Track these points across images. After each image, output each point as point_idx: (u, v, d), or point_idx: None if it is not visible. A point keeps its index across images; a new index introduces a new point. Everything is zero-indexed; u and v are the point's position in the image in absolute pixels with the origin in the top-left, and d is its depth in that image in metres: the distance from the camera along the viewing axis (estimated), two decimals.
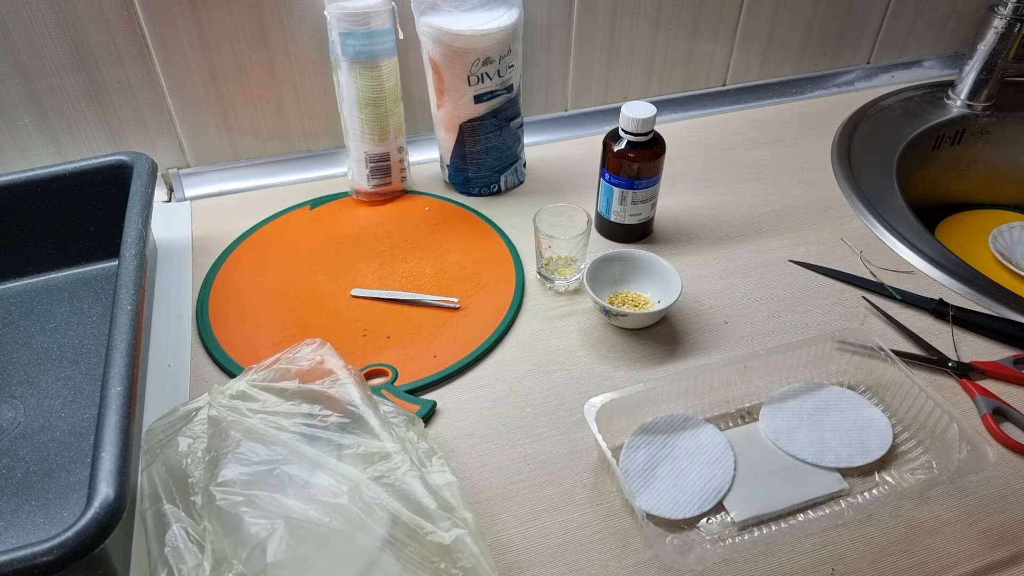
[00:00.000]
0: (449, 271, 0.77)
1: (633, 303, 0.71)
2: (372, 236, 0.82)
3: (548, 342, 0.69)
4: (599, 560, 0.52)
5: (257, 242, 0.81)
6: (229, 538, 0.45)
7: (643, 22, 0.96)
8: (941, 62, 1.14)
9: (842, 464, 0.57)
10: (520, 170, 0.90)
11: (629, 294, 0.72)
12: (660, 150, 0.75)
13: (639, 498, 0.55)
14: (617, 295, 0.72)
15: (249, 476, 0.47)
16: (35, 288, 0.76)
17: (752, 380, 0.62)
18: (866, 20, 1.07)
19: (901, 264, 0.77)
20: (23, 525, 0.55)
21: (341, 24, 0.74)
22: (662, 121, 0.82)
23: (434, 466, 0.50)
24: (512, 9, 0.78)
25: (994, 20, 0.95)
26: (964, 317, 0.69)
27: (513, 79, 0.82)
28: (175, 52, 0.81)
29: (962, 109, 1.02)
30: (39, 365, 0.68)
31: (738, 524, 0.54)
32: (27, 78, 0.78)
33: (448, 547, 0.44)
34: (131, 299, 0.59)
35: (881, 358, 0.62)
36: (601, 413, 0.56)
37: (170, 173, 0.89)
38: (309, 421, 0.51)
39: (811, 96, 1.08)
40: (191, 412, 0.54)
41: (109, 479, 0.45)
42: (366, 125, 0.81)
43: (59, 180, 0.73)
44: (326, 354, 0.56)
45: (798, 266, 0.77)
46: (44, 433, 0.62)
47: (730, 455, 0.58)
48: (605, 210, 0.79)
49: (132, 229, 0.65)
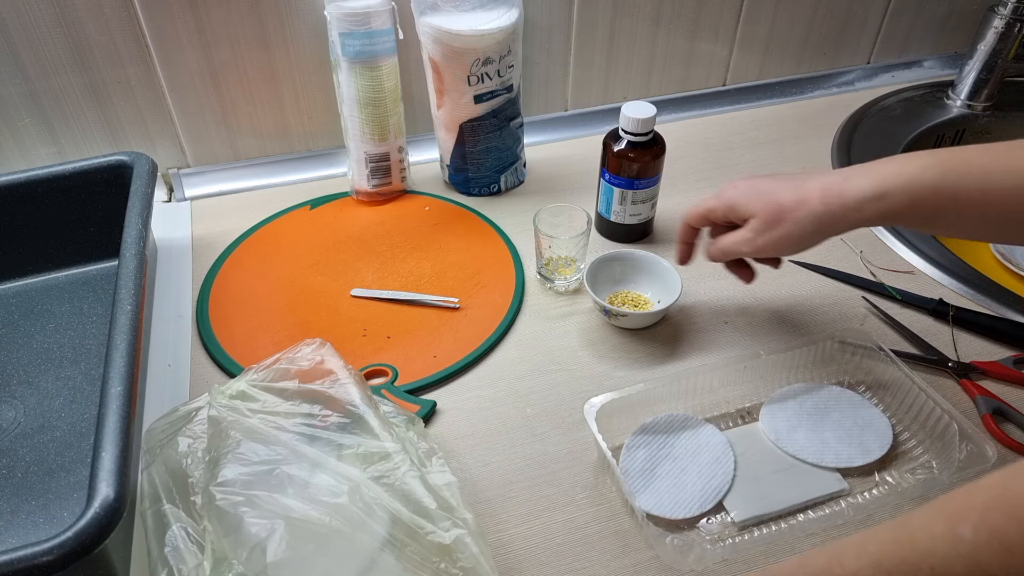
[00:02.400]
0: (449, 271, 0.77)
1: (633, 303, 0.71)
2: (372, 236, 0.82)
3: (548, 342, 0.69)
4: (599, 560, 0.52)
5: (257, 242, 0.81)
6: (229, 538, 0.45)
7: (643, 22, 0.96)
8: (941, 62, 1.14)
9: (842, 464, 0.57)
10: (520, 170, 0.90)
11: (629, 294, 0.72)
12: (660, 150, 0.75)
13: (639, 498, 0.55)
14: (617, 295, 0.72)
15: (249, 476, 0.47)
16: (35, 288, 0.76)
17: (752, 380, 0.62)
18: (866, 20, 1.07)
19: (901, 264, 0.77)
20: (23, 525, 0.55)
21: (341, 24, 0.74)
22: (662, 121, 0.82)
23: (434, 466, 0.50)
24: (512, 9, 0.78)
25: (994, 20, 0.95)
26: (964, 317, 0.69)
27: (513, 79, 0.82)
28: (175, 52, 0.81)
29: (962, 109, 1.02)
30: (39, 365, 0.68)
31: (738, 524, 0.54)
32: (27, 78, 0.78)
33: (448, 547, 0.44)
34: (131, 299, 0.59)
35: (881, 358, 0.62)
36: (601, 413, 0.56)
37: (170, 173, 0.89)
38: (309, 421, 0.51)
39: (811, 96, 1.08)
40: (191, 412, 0.54)
41: (109, 479, 0.45)
42: (366, 125, 0.81)
43: (59, 180, 0.73)
44: (326, 354, 0.56)
45: (798, 266, 0.77)
46: (44, 433, 0.62)
47: (730, 455, 0.58)
48: (605, 210, 0.79)
49: (132, 229, 0.65)
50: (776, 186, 0.56)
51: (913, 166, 0.51)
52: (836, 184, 0.53)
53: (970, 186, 0.49)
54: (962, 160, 0.50)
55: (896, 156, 0.53)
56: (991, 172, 0.49)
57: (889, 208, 0.51)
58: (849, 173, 0.53)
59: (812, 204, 0.54)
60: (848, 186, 0.52)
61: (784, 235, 0.55)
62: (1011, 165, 0.48)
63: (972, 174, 0.49)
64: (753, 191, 0.57)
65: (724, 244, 0.60)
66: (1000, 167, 0.49)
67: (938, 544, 0.31)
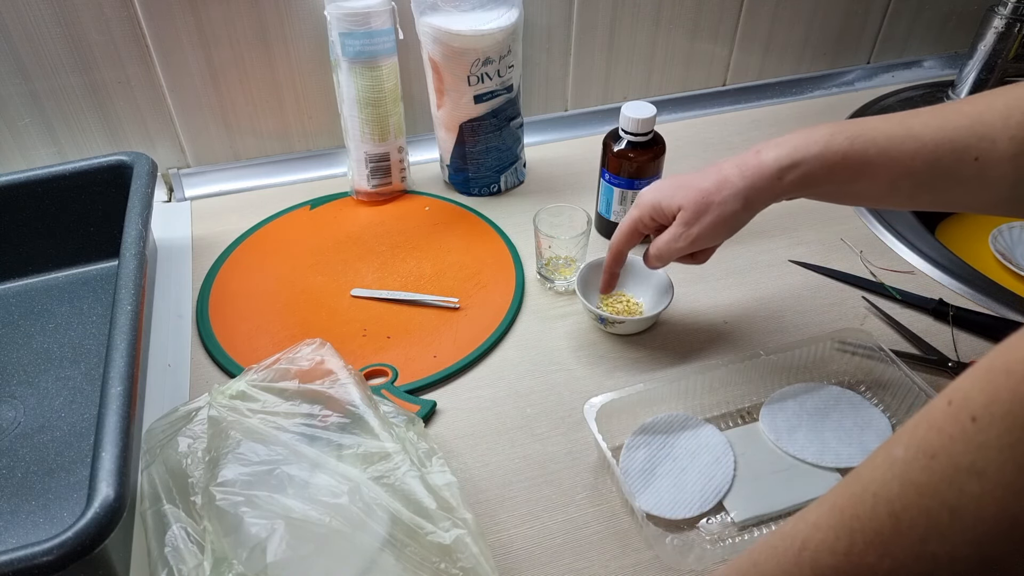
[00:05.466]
0: (449, 271, 0.77)
1: (626, 307, 0.71)
2: (372, 236, 0.82)
3: (548, 342, 0.69)
4: (599, 560, 0.52)
5: (257, 242, 0.81)
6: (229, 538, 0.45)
7: (643, 22, 0.96)
8: (941, 62, 1.14)
9: (842, 464, 0.57)
10: (520, 170, 0.90)
11: (621, 297, 0.72)
12: (660, 150, 0.75)
13: (639, 498, 0.55)
14: (609, 300, 0.72)
15: (249, 476, 0.47)
16: (35, 288, 0.76)
17: (752, 380, 0.62)
18: (866, 20, 1.07)
19: (901, 264, 0.77)
20: (23, 525, 0.55)
21: (341, 24, 0.74)
22: (662, 121, 0.82)
23: (434, 466, 0.50)
24: (512, 9, 0.78)
25: (994, 20, 0.95)
26: (964, 317, 0.69)
27: (513, 79, 0.82)
28: (175, 52, 0.81)
29: None
30: (39, 365, 0.68)
31: (738, 524, 0.54)
32: (27, 78, 0.78)
33: (448, 547, 0.44)
34: (131, 299, 0.59)
35: (881, 358, 0.62)
36: (601, 413, 0.56)
37: (170, 173, 0.89)
38: (309, 421, 0.51)
39: (811, 96, 1.08)
40: (191, 412, 0.54)
41: (109, 479, 0.45)
42: (366, 125, 0.81)
43: (59, 180, 0.73)
44: (326, 354, 0.56)
45: (798, 266, 0.77)
46: (44, 433, 0.62)
47: (730, 455, 0.58)
48: (605, 210, 0.79)
49: (132, 229, 0.65)
50: (693, 177, 0.57)
51: (820, 134, 0.52)
52: (751, 158, 0.54)
53: (877, 152, 0.51)
54: (866, 127, 0.51)
55: (802, 129, 0.54)
56: (893, 137, 0.50)
57: (806, 175, 0.53)
58: (760, 147, 0.55)
59: (733, 181, 0.55)
60: (763, 158, 0.54)
61: (716, 218, 0.56)
62: (912, 130, 0.50)
63: (877, 140, 0.51)
64: (672, 186, 0.58)
65: (659, 245, 0.59)
66: (901, 131, 0.50)
67: (877, 470, 0.33)
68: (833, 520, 0.34)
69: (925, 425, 0.31)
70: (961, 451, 0.29)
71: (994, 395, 0.28)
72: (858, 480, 0.34)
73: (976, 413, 0.29)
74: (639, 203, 0.60)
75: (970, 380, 0.30)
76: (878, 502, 0.32)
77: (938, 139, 0.49)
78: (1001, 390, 0.28)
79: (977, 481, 0.28)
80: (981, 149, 0.47)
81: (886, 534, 0.32)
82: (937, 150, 0.49)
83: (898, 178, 0.51)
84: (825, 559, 0.34)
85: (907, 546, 0.31)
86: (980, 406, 0.29)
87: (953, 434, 0.29)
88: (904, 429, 0.33)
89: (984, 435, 0.28)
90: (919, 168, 0.50)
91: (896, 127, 0.51)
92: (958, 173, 0.49)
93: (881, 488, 0.32)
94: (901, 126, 0.50)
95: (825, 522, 0.35)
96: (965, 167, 0.48)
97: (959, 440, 0.29)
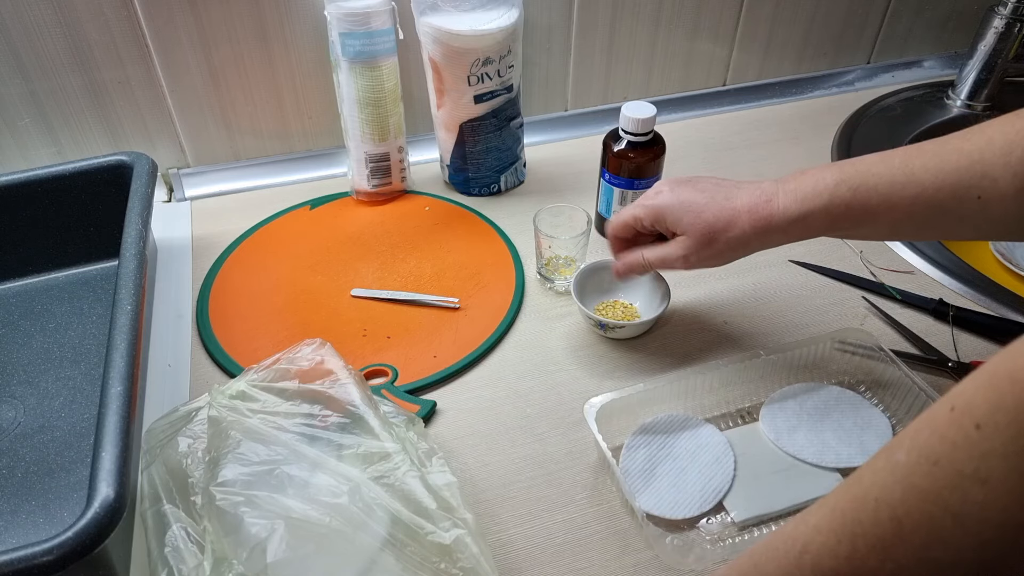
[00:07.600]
0: (449, 271, 0.77)
1: (623, 313, 0.71)
2: (372, 236, 0.82)
3: (548, 342, 0.69)
4: (599, 560, 0.52)
5: (257, 242, 0.81)
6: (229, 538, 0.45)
7: (643, 22, 0.96)
8: (941, 62, 1.14)
9: (842, 464, 0.57)
10: (520, 170, 0.90)
11: (618, 303, 0.72)
12: (660, 150, 0.75)
13: (639, 498, 0.55)
14: (605, 305, 0.72)
15: (249, 476, 0.47)
16: (35, 288, 0.76)
17: (752, 380, 0.62)
18: (866, 20, 1.07)
19: (901, 264, 0.77)
20: (23, 525, 0.55)
21: (341, 24, 0.74)
22: (662, 121, 0.82)
23: (434, 466, 0.50)
24: (512, 9, 0.78)
25: (994, 20, 0.95)
26: (964, 317, 0.69)
27: (513, 79, 0.82)
28: (175, 52, 0.81)
29: (962, 109, 1.02)
30: (39, 365, 0.68)
31: (738, 524, 0.54)
32: (27, 78, 0.78)
33: (448, 547, 0.44)
34: (131, 299, 0.59)
35: (881, 358, 0.62)
36: (601, 413, 0.56)
37: (170, 173, 0.89)
38: (309, 421, 0.51)
39: (811, 96, 1.08)
40: (191, 412, 0.54)
41: (109, 479, 0.45)
42: (366, 125, 0.81)
43: (59, 180, 0.73)
44: (326, 354, 0.56)
45: (798, 266, 0.77)
46: (44, 433, 0.62)
47: (730, 455, 0.58)
48: (605, 210, 0.79)
49: (132, 229, 0.65)
50: (702, 201, 0.57)
51: (825, 184, 0.53)
52: (763, 206, 0.55)
53: (879, 201, 0.51)
54: (869, 175, 0.52)
55: (810, 171, 0.55)
56: (894, 183, 0.51)
57: (810, 226, 0.55)
58: (771, 192, 0.55)
59: (742, 226, 0.56)
60: (773, 209, 0.55)
61: (716, 254, 0.58)
62: (913, 175, 0.50)
63: (879, 189, 0.51)
64: (680, 205, 0.58)
65: (655, 261, 0.61)
66: (902, 177, 0.51)
67: (879, 475, 0.33)
68: (835, 524, 0.34)
69: (927, 430, 0.31)
70: (964, 458, 0.29)
71: (999, 403, 0.28)
72: (859, 484, 0.34)
73: (980, 420, 0.28)
74: (645, 205, 0.60)
75: (973, 386, 0.30)
76: (880, 507, 0.32)
77: (938, 183, 0.49)
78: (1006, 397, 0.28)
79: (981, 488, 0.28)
80: (983, 188, 0.48)
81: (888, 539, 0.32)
82: (938, 194, 0.49)
83: (899, 222, 0.52)
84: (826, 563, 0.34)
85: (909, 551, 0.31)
86: (984, 413, 0.28)
87: (956, 441, 0.29)
88: (906, 433, 0.32)
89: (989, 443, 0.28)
90: (920, 211, 0.51)
91: (898, 172, 0.51)
92: (960, 211, 0.49)
93: (883, 493, 0.32)
94: (903, 171, 0.51)
95: (827, 525, 0.35)
96: (967, 205, 0.49)
97: (962, 447, 0.29)
